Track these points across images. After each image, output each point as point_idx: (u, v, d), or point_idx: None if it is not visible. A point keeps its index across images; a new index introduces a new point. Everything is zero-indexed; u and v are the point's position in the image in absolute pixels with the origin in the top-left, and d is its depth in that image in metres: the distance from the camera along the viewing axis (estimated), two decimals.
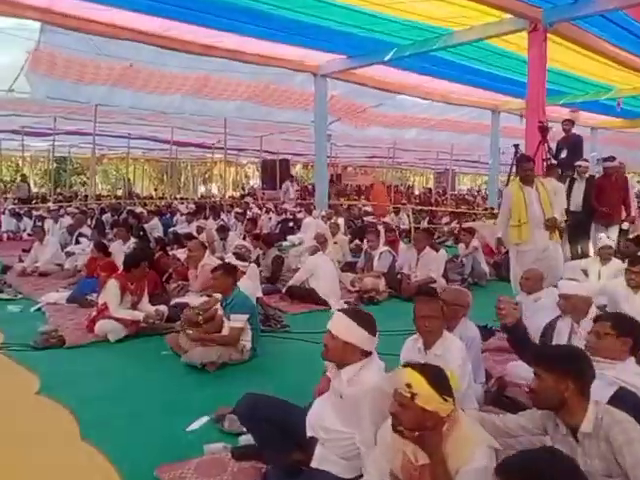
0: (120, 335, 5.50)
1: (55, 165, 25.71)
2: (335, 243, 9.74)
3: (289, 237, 12.14)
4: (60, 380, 4.48)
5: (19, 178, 22.25)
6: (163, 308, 5.87)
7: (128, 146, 22.95)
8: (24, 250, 11.11)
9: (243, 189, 39.43)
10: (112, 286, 5.55)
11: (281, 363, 5.01)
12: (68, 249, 9.14)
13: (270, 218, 13.44)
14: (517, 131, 21.33)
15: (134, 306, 5.75)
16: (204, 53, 12.79)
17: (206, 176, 48.19)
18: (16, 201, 18.03)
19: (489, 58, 13.59)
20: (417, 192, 37.40)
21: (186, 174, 47.24)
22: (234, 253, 6.64)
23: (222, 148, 26.73)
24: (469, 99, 18.16)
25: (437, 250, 7.91)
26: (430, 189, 35.67)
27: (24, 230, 13.90)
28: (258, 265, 7.54)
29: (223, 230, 9.86)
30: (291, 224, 13.33)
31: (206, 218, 12.26)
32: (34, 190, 28.21)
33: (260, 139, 22.91)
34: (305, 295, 7.04)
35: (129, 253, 6.25)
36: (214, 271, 4.92)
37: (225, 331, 4.78)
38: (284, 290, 7.31)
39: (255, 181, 41.93)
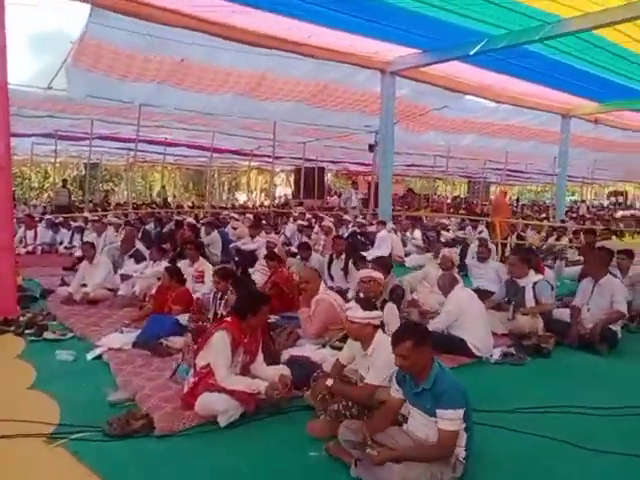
0: (235, 416, 3.63)
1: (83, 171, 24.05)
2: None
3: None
4: None
5: (60, 183, 20.45)
6: (286, 371, 3.99)
7: (164, 152, 21.23)
8: (65, 268, 9.35)
9: (274, 198, 37.72)
10: (221, 341, 3.70)
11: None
12: (123, 270, 7.29)
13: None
14: (582, 139, 19.69)
15: (245, 369, 3.89)
16: (263, 44, 11.05)
17: (232, 184, 46.63)
18: (53, 208, 16.25)
19: (589, 52, 11.65)
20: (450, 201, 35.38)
21: (212, 182, 45.62)
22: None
23: (261, 155, 25.36)
24: (539, 101, 16.27)
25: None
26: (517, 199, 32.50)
27: (61, 243, 12.11)
28: None
29: (305, 248, 7.92)
30: (361, 237, 11.37)
31: (267, 233, 10.36)
32: None
33: (303, 145, 21.10)
34: (448, 343, 5.11)
35: (245, 293, 4.34)
36: (402, 337, 3.00)
37: (420, 433, 2.91)
38: None
39: (284, 190, 40.20)
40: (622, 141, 21.09)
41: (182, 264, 7.19)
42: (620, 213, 24.25)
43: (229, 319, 3.84)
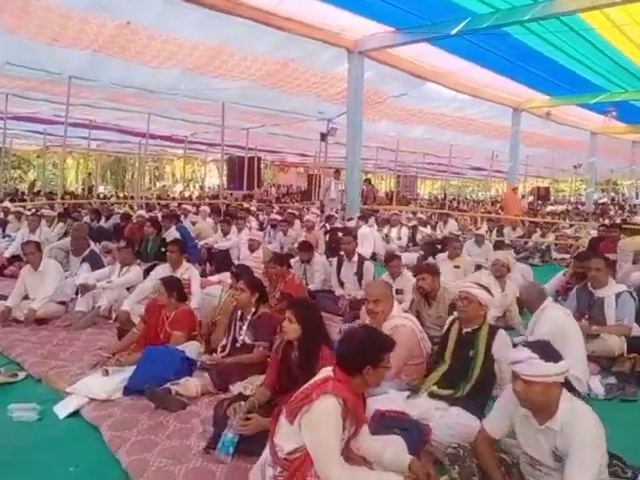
0: None
1: None
2: (457, 267, 6.69)
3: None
4: None
5: None
6: (401, 445, 2.59)
7: (89, 137, 18.67)
8: None
9: (202, 188, 35.34)
10: (331, 415, 2.24)
11: None
12: (81, 279, 5.45)
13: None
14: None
15: (346, 446, 2.47)
16: (229, 10, 9.42)
17: (155, 174, 43.53)
18: None
19: (568, 39, 11.00)
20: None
21: (135, 171, 42.37)
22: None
23: (196, 142, 23.27)
24: (494, 93, 15.69)
25: None
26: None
27: None
28: None
29: (306, 249, 6.40)
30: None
31: (239, 228, 8.70)
32: None
33: (246, 132, 19.37)
34: None
35: (360, 334, 2.66)
36: None
37: None
38: None
39: (213, 180, 37.87)
40: (552, 136, 21.16)
41: (159, 270, 5.54)
42: (550, 208, 24.53)
43: (331, 373, 2.39)
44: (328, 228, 9.56)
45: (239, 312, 4.10)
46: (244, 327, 4.00)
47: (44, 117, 17.20)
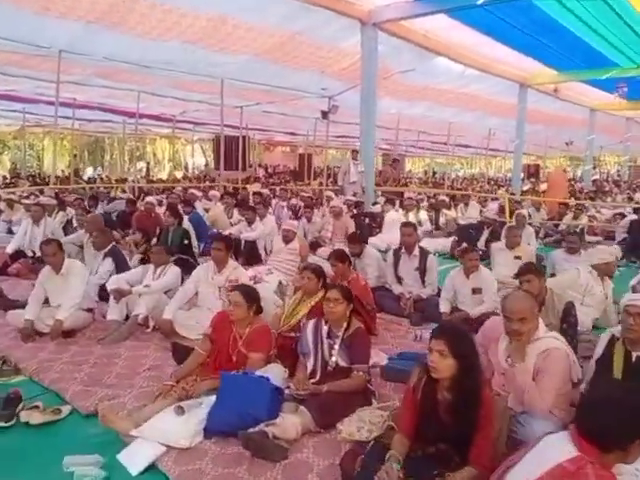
0: None
1: None
2: (518, 258, 6.06)
3: (371, 241, 8.01)
4: None
5: None
6: None
7: (73, 117, 17.46)
8: None
9: (186, 169, 34.04)
10: None
11: None
12: (113, 283, 4.64)
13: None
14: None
15: None
16: None
17: (135, 154, 41.93)
18: None
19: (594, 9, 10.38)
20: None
21: (112, 151, 40.75)
22: None
23: (183, 121, 22.15)
24: (502, 68, 15.05)
25: None
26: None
27: None
28: None
29: (356, 240, 5.60)
30: (367, 220, 9.25)
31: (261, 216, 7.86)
32: None
33: (240, 110, 18.39)
34: None
35: (632, 407, 1.70)
36: None
37: None
38: None
39: (196, 160, 36.47)
40: (550, 113, 20.62)
41: (201, 271, 4.79)
42: (544, 185, 24.13)
43: (577, 453, 1.70)
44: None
45: (324, 326, 3.40)
46: (336, 346, 3.31)
47: (24, 96, 15.95)
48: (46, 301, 4.63)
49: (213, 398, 3.07)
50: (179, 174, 30.62)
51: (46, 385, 3.61)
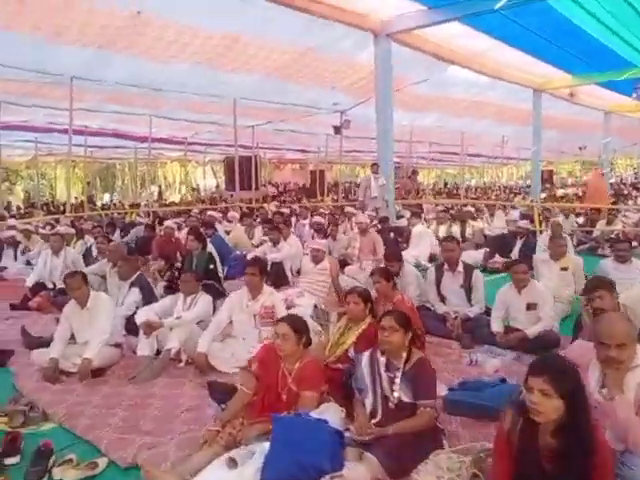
0: None
1: None
2: (565, 269, 5.69)
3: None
4: None
5: None
6: None
7: (85, 144, 17.34)
8: (14, 307, 6.17)
9: (196, 191, 33.85)
10: None
11: None
12: (142, 317, 4.32)
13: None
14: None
15: None
16: None
17: (146, 178, 41.92)
18: None
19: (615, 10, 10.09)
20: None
21: (123, 177, 40.78)
22: None
23: (194, 143, 22.04)
24: (515, 74, 14.76)
25: None
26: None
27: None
28: None
29: (395, 257, 5.25)
30: (393, 235, 8.90)
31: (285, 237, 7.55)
32: None
33: (252, 129, 18.21)
34: None
35: None
36: None
37: None
38: None
39: (206, 182, 36.35)
40: (564, 117, 20.25)
41: (235, 298, 4.47)
42: (561, 191, 23.73)
43: None
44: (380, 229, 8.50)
45: (380, 358, 3.06)
46: (397, 380, 2.96)
47: (37, 125, 15.88)
48: (71, 337, 4.34)
49: (266, 445, 2.71)
50: (189, 197, 30.44)
51: (78, 433, 3.28)
